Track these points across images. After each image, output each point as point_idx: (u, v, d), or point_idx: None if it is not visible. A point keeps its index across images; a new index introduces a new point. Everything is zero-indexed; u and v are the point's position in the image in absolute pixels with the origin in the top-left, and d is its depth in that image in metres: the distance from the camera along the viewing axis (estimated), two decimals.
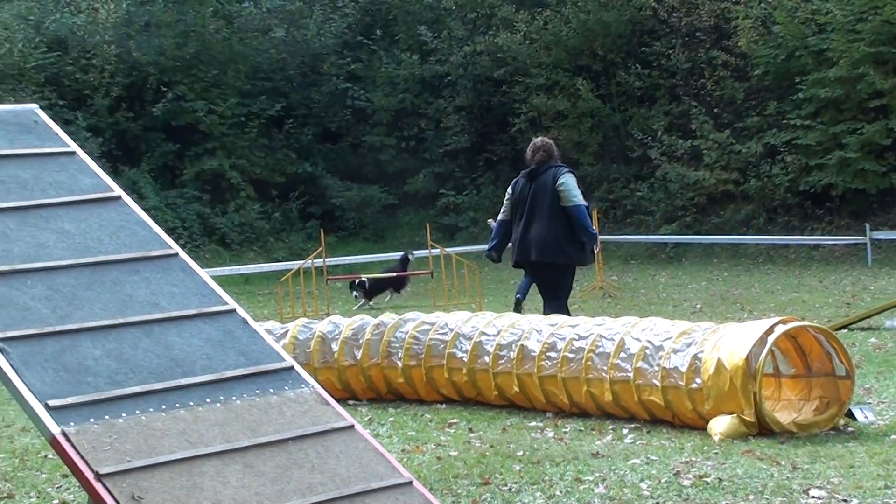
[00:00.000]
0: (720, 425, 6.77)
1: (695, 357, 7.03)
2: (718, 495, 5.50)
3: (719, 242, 24.16)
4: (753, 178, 23.99)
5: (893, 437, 6.56)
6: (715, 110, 25.28)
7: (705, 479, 5.80)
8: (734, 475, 5.85)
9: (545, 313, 9.19)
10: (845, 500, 5.28)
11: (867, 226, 20.64)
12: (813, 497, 5.35)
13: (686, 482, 5.78)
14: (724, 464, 6.12)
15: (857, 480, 5.60)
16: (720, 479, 5.78)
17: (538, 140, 10.09)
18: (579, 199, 9.55)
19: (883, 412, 7.31)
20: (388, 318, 8.78)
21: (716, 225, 24.65)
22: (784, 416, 7.01)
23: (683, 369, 7.05)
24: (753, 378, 6.72)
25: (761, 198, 23.58)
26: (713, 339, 7.05)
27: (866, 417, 7.05)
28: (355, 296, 17.12)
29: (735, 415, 6.75)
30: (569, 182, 9.57)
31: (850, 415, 7.03)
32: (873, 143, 22.09)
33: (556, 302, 9.68)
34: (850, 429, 6.89)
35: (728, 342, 6.92)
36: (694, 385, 6.98)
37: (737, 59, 25.08)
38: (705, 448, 6.55)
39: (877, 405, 7.50)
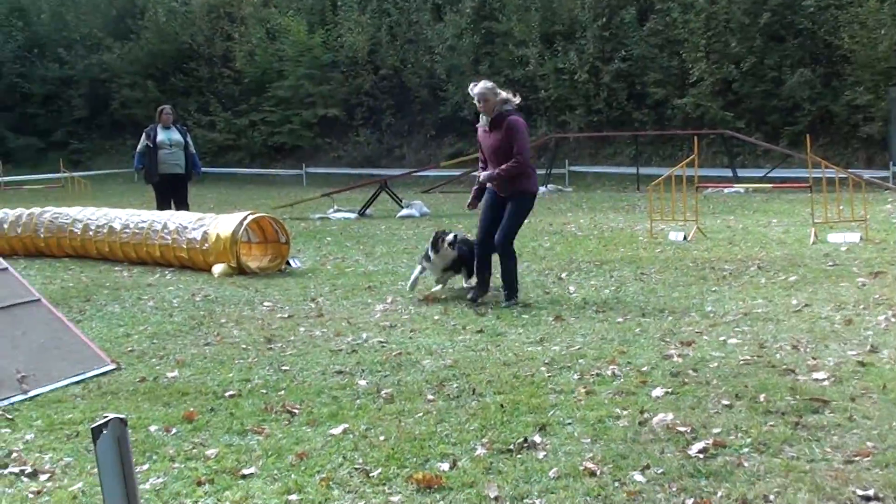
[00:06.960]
0: (218, 269, 12.29)
1: (205, 232, 12.55)
2: (215, 305, 10.87)
3: None
4: None
5: (312, 275, 12.37)
6: None
7: (207, 297, 11.13)
8: (224, 294, 11.25)
9: None
10: (280, 307, 10.83)
11: None
12: (265, 305, 10.64)
13: (198, 298, 11.13)
14: (219, 288, 11.57)
15: (288, 297, 11.22)
16: (217, 297, 11.12)
17: None
18: None
19: (305, 262, 13.24)
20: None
21: None
22: (253, 263, 12.67)
23: (199, 238, 12.55)
24: (236, 243, 12.33)
25: None
26: (214, 223, 12.60)
27: (297, 264, 12.92)
28: None
29: (226, 263, 12.31)
30: None
31: (288, 263, 12.86)
32: None
33: None
34: (287, 270, 12.67)
35: (222, 224, 12.50)
36: (205, 247, 12.48)
37: None
38: (210, 281, 12.00)
39: (302, 258, 13.48)
